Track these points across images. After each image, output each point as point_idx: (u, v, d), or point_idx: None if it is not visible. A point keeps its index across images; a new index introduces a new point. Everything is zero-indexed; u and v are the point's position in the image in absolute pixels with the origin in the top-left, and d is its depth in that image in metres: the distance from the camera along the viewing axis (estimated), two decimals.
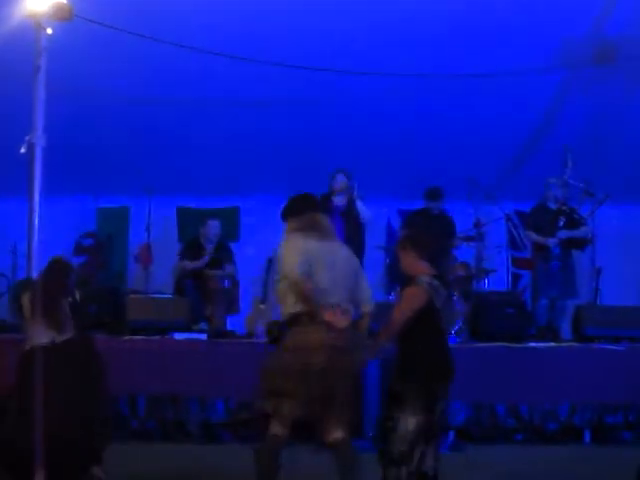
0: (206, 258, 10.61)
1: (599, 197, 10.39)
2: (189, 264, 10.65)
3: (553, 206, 10.28)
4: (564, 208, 10.20)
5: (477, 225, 10.88)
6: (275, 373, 5.75)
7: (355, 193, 10.07)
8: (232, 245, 11.25)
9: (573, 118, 10.77)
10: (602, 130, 10.84)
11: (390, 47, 9.89)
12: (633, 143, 11.06)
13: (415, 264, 5.89)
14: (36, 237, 8.24)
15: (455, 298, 9.99)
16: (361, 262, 10.16)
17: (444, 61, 10.03)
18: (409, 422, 5.58)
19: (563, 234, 10.11)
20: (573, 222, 10.17)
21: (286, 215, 6.05)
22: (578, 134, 10.71)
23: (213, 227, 10.78)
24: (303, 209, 6.01)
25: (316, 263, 5.75)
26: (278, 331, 5.89)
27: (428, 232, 8.65)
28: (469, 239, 10.87)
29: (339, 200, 10.15)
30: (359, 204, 10.08)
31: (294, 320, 5.75)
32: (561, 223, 10.11)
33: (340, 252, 6.02)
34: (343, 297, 5.80)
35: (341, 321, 5.70)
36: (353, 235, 10.03)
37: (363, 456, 5.80)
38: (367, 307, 5.98)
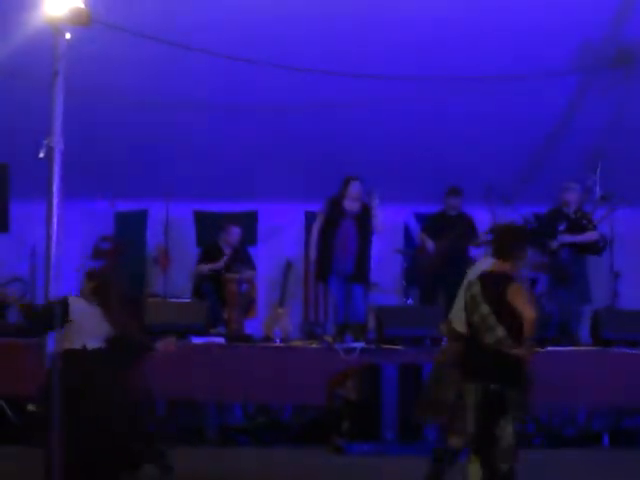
0: (225, 259, 10.62)
1: (613, 202, 10.30)
2: (207, 266, 10.67)
3: (568, 210, 10.22)
4: (574, 212, 10.13)
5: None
6: None
7: (376, 201, 10.03)
8: (250, 249, 11.27)
9: (591, 121, 10.73)
10: (620, 133, 10.79)
11: (407, 50, 9.90)
12: None
13: None
14: (54, 241, 8.27)
15: None
16: (372, 266, 10.32)
17: (461, 63, 10.02)
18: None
19: (564, 238, 10.02)
20: (579, 227, 10.07)
21: None
22: (596, 137, 10.68)
23: (234, 233, 10.80)
24: None
25: None
26: None
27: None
28: (487, 243, 10.82)
29: (351, 205, 10.14)
30: (379, 213, 10.04)
31: None
32: (561, 227, 10.04)
33: None
34: None
35: None
36: (364, 240, 10.04)
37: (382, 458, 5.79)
38: None
